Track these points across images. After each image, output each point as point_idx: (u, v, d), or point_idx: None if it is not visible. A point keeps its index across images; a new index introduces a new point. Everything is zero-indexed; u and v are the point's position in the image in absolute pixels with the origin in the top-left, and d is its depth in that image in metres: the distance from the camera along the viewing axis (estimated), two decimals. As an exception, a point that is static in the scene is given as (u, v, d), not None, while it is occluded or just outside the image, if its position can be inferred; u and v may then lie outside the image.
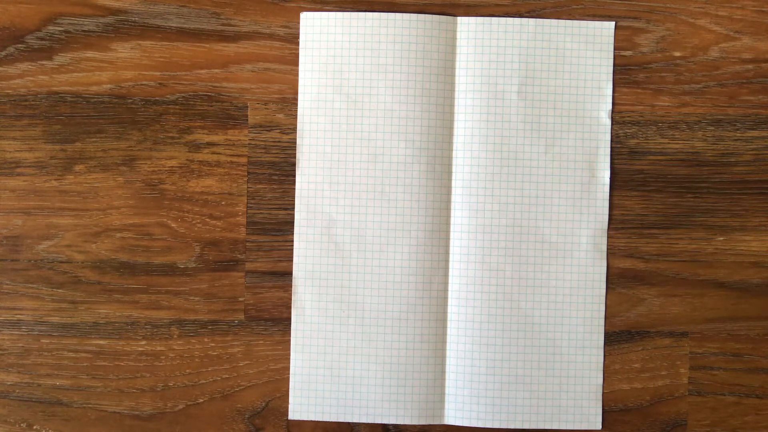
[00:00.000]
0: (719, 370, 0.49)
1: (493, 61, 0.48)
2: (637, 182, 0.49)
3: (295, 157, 0.49)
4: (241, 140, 0.49)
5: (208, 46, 0.49)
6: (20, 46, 0.49)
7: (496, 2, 0.49)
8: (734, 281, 0.49)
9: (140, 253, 0.49)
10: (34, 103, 0.49)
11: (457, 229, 0.48)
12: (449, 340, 0.48)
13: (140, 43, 0.49)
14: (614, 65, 0.49)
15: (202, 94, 0.49)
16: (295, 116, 0.49)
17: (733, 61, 0.49)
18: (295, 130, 0.49)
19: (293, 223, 0.49)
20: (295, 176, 0.49)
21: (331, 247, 0.49)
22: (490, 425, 0.48)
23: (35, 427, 0.49)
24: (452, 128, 0.48)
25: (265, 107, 0.49)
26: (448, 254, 0.48)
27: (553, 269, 0.48)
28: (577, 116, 0.48)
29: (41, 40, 0.49)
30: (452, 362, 0.48)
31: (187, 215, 0.49)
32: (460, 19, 0.48)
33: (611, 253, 0.49)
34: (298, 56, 0.49)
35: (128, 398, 0.49)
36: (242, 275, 0.49)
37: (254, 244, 0.49)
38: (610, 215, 0.49)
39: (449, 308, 0.48)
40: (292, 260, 0.49)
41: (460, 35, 0.48)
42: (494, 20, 0.48)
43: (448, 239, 0.48)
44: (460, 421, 0.48)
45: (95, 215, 0.49)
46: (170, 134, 0.49)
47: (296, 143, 0.49)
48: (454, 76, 0.48)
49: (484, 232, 0.48)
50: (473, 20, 0.48)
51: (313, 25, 0.48)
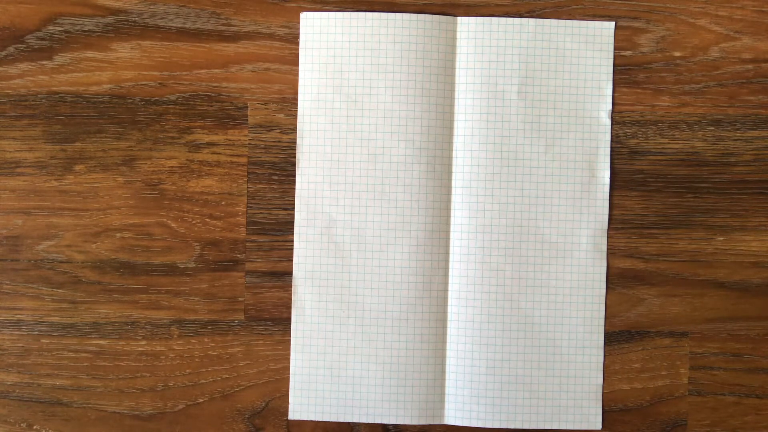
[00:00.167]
0: (719, 370, 0.49)
1: (493, 61, 0.48)
2: (637, 182, 0.49)
3: (295, 157, 0.49)
4: (241, 140, 0.49)
5: (208, 46, 0.49)
6: (20, 46, 0.49)
7: (496, 2, 0.49)
8: (734, 281, 0.49)
9: (140, 253, 0.49)
10: (34, 103, 0.49)
11: (457, 229, 0.48)
12: (449, 340, 0.48)
13: (140, 43, 0.49)
14: (614, 65, 0.49)
15: (202, 94, 0.49)
16: (295, 116, 0.49)
17: (733, 61, 0.49)
18: (295, 130, 0.49)
19: (293, 223, 0.49)
20: (295, 176, 0.49)
21: (331, 247, 0.49)
22: (490, 425, 0.48)
23: (35, 427, 0.49)
24: (452, 128, 0.48)
25: (265, 107, 0.49)
26: (448, 254, 0.48)
27: (553, 269, 0.48)
28: (577, 116, 0.48)
29: (41, 40, 0.49)
30: (452, 362, 0.48)
31: (187, 215, 0.49)
32: (460, 19, 0.48)
33: (611, 253, 0.49)
34: (298, 56, 0.49)
35: (128, 398, 0.49)
36: (242, 275, 0.49)
37: (254, 244, 0.49)
38: (610, 215, 0.49)
39: (449, 308, 0.48)
40: (292, 260, 0.49)
41: (460, 35, 0.48)
42: (494, 20, 0.48)
43: (448, 239, 0.48)
44: (460, 421, 0.48)
45: (95, 215, 0.49)
46: (170, 134, 0.49)
47: (296, 143, 0.49)
48: (454, 76, 0.48)
49: (484, 232, 0.48)
50: (473, 20, 0.48)
51: (313, 25, 0.48)
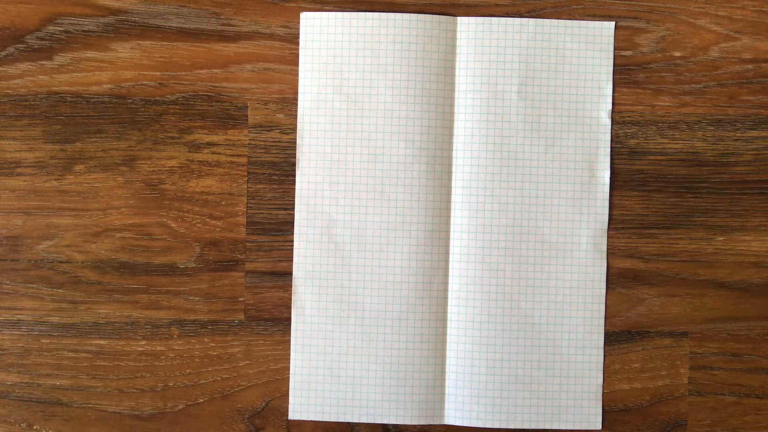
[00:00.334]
0: (719, 370, 0.49)
1: (493, 61, 0.48)
2: (637, 182, 0.49)
3: (295, 157, 0.49)
4: (241, 140, 0.49)
5: (208, 46, 0.49)
6: (20, 46, 0.49)
7: (496, 2, 0.49)
8: (734, 281, 0.49)
9: (140, 253, 0.49)
10: (34, 103, 0.49)
11: (457, 229, 0.48)
12: (449, 340, 0.48)
13: (140, 43, 0.49)
14: (614, 65, 0.49)
15: (202, 94, 0.49)
16: (295, 116, 0.49)
17: (733, 61, 0.49)
18: (295, 130, 0.49)
19: (293, 223, 0.49)
20: (295, 176, 0.49)
21: (331, 247, 0.49)
22: (490, 425, 0.48)
23: (35, 427, 0.49)
24: (452, 128, 0.48)
25: (265, 107, 0.49)
26: (448, 254, 0.48)
27: (553, 269, 0.48)
28: (577, 116, 0.48)
29: (41, 40, 0.49)
30: (452, 362, 0.48)
31: (187, 215, 0.49)
32: (460, 19, 0.48)
33: (611, 253, 0.49)
34: (298, 56, 0.49)
35: (128, 398, 0.49)
36: (242, 275, 0.49)
37: (254, 244, 0.49)
38: (610, 215, 0.49)
39: (449, 308, 0.48)
40: (292, 260, 0.49)
41: (460, 35, 0.48)
42: (494, 20, 0.48)
43: (448, 239, 0.48)
44: (460, 421, 0.48)
45: (95, 215, 0.49)
46: (170, 134, 0.49)
47: (296, 143, 0.49)
48: (454, 76, 0.48)
49: (484, 232, 0.48)
50: (473, 20, 0.48)
51: (313, 25, 0.48)
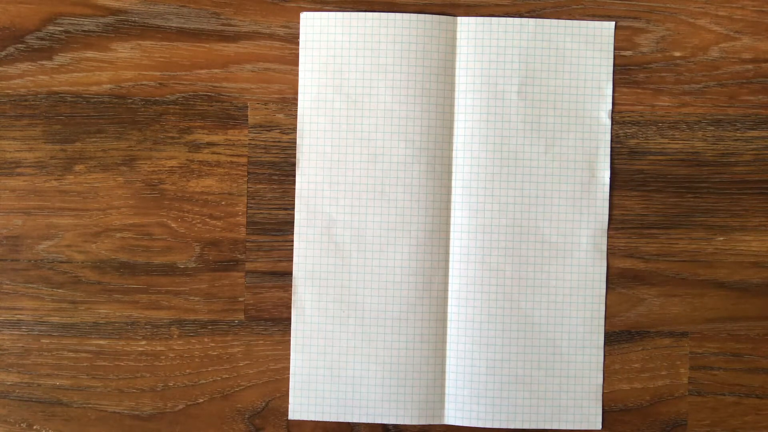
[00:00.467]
0: (719, 370, 0.49)
1: (493, 61, 0.48)
2: (637, 182, 0.49)
3: (295, 157, 0.49)
4: (241, 140, 0.49)
5: (208, 46, 0.49)
6: (20, 46, 0.49)
7: (496, 2, 0.49)
8: (734, 281, 0.49)
9: (140, 253, 0.49)
10: (34, 103, 0.49)
11: (457, 229, 0.48)
12: (449, 340, 0.48)
13: (140, 43, 0.49)
14: (614, 65, 0.49)
15: (202, 94, 0.49)
16: (295, 116, 0.49)
17: (733, 61, 0.49)
18: (295, 130, 0.49)
19: (293, 223, 0.49)
20: (295, 176, 0.49)
21: (331, 247, 0.49)
22: (490, 425, 0.48)
23: (35, 427, 0.49)
24: (452, 128, 0.48)
25: (265, 107, 0.49)
26: (448, 254, 0.48)
27: (553, 269, 0.48)
28: (577, 116, 0.48)
29: (41, 40, 0.49)
30: (452, 362, 0.48)
31: (187, 215, 0.49)
32: (460, 19, 0.48)
33: (611, 253, 0.49)
34: (298, 56, 0.49)
35: (128, 398, 0.49)
36: (242, 275, 0.49)
37: (254, 244, 0.49)
38: (610, 215, 0.49)
39: (449, 308, 0.48)
40: (292, 260, 0.49)
41: (460, 35, 0.48)
42: (494, 20, 0.48)
43: (448, 239, 0.48)
44: (460, 421, 0.48)
45: (95, 215, 0.49)
46: (170, 134, 0.49)
47: (296, 143, 0.49)
48: (454, 76, 0.48)
49: (484, 232, 0.48)
50: (473, 20, 0.48)
51: (313, 25, 0.48)
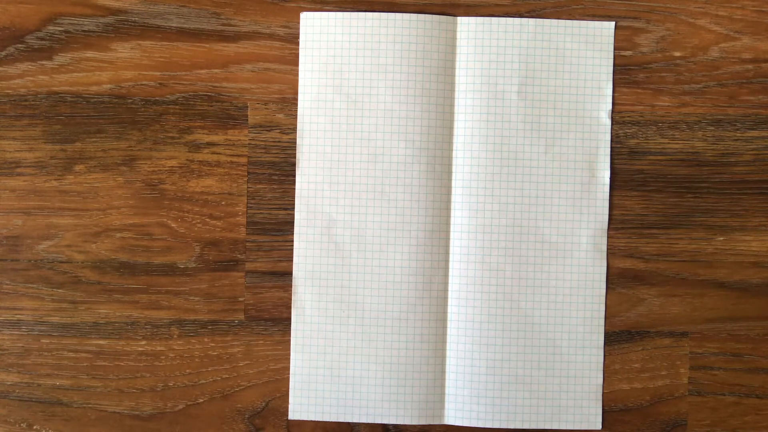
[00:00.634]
0: (719, 370, 0.49)
1: (493, 61, 0.48)
2: (637, 182, 0.49)
3: (295, 157, 0.49)
4: (241, 140, 0.49)
5: (208, 46, 0.49)
6: (20, 46, 0.49)
7: (496, 2, 0.49)
8: (734, 281, 0.49)
9: (140, 253, 0.49)
10: (34, 103, 0.49)
11: (457, 229, 0.48)
12: (449, 340, 0.48)
13: (140, 43, 0.49)
14: (614, 65, 0.49)
15: (202, 94, 0.49)
16: (295, 116, 0.49)
17: (733, 61, 0.49)
18: (295, 130, 0.49)
19: (293, 223, 0.49)
20: (295, 176, 0.49)
21: (331, 247, 0.49)
22: (490, 425, 0.48)
23: (35, 427, 0.49)
24: (452, 128, 0.48)
25: (265, 107, 0.49)
26: (448, 254, 0.48)
27: (553, 269, 0.48)
28: (577, 116, 0.48)
29: (41, 40, 0.49)
30: (452, 362, 0.48)
31: (187, 215, 0.49)
32: (460, 19, 0.48)
33: (611, 253, 0.49)
34: (298, 56, 0.49)
35: (128, 398, 0.49)
36: (242, 275, 0.49)
37: (254, 244, 0.49)
38: (610, 215, 0.49)
39: (449, 308, 0.48)
40: (292, 260, 0.49)
41: (460, 35, 0.48)
42: (494, 20, 0.48)
43: (448, 239, 0.48)
44: (460, 421, 0.48)
45: (95, 215, 0.49)
46: (170, 134, 0.49)
47: (296, 143, 0.49)
48: (454, 76, 0.48)
49: (484, 232, 0.48)
50: (473, 20, 0.48)
51: (313, 25, 0.48)
